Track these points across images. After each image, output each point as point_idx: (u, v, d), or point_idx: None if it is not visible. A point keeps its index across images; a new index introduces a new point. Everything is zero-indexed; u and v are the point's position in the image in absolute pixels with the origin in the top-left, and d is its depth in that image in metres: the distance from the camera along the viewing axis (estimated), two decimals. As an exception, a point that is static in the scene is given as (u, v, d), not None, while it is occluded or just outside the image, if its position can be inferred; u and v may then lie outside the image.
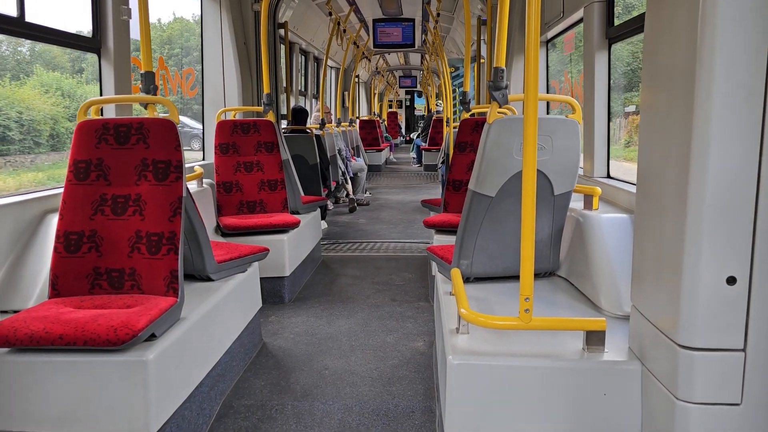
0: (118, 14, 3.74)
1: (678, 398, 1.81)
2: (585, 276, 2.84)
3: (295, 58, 10.18)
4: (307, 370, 3.47)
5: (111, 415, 2.30)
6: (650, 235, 2.01)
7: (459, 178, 4.93)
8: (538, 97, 2.10)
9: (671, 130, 1.84)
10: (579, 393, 2.10)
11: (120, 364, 2.29)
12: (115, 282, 2.73)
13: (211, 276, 3.26)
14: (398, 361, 3.57)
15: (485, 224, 2.85)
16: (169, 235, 2.71)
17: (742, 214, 1.70)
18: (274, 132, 5.29)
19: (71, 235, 2.73)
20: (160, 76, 5.72)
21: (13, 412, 2.31)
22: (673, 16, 1.83)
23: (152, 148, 2.81)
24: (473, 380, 2.13)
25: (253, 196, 5.19)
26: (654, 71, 1.98)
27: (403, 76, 24.90)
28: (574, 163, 2.88)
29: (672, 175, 1.83)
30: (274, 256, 4.62)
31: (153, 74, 3.17)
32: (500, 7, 2.60)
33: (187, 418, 2.67)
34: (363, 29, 11.93)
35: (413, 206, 9.68)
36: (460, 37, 11.33)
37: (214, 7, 5.66)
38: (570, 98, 3.06)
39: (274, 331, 4.11)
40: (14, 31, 3.17)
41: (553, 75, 5.81)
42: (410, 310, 4.52)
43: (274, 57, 6.17)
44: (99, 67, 3.76)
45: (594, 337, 2.18)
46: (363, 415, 2.95)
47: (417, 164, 16.74)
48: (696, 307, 1.75)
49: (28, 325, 2.29)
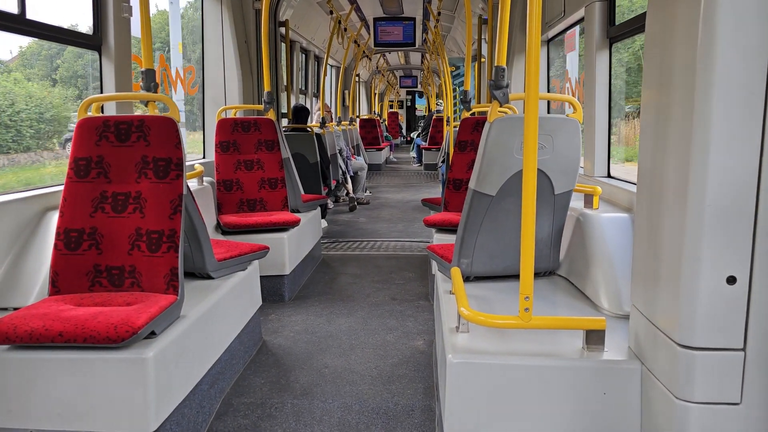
0: (119, 11, 3.74)
1: (677, 398, 1.82)
2: (585, 275, 2.84)
3: (296, 57, 10.18)
4: (307, 368, 3.47)
5: (111, 413, 2.30)
6: (650, 234, 2.01)
7: (459, 177, 4.93)
8: (539, 96, 2.10)
9: (672, 130, 1.84)
10: (578, 392, 2.10)
11: (120, 361, 2.29)
12: (115, 279, 2.73)
13: (211, 274, 3.26)
14: (398, 360, 3.57)
15: (485, 223, 2.86)
16: (169, 233, 2.71)
17: (743, 214, 1.70)
18: (274, 130, 5.29)
19: (71, 232, 2.73)
20: (161, 73, 5.73)
21: (12, 409, 2.31)
22: (674, 17, 1.83)
23: (153, 146, 2.81)
24: (473, 379, 2.13)
25: (254, 194, 5.19)
26: (655, 71, 1.98)
27: (403, 76, 24.89)
28: (574, 162, 2.88)
29: (672, 175, 1.83)
30: (274, 254, 4.62)
31: (153, 72, 3.17)
32: (501, 6, 2.60)
33: (187, 416, 2.67)
34: (364, 28, 11.93)
35: (413, 205, 9.68)
36: (461, 36, 11.33)
37: (215, 6, 5.66)
38: (570, 97, 3.06)
39: (274, 330, 4.11)
40: (15, 28, 3.17)
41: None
42: (410, 308, 4.53)
43: (274, 55, 6.17)
44: (99, 65, 3.76)
45: (594, 336, 2.18)
46: (363, 414, 2.95)
47: (417, 163, 16.75)
48: (696, 306, 1.75)
49: (28, 322, 2.29)
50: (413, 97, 30.47)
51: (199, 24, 5.87)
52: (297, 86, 10.34)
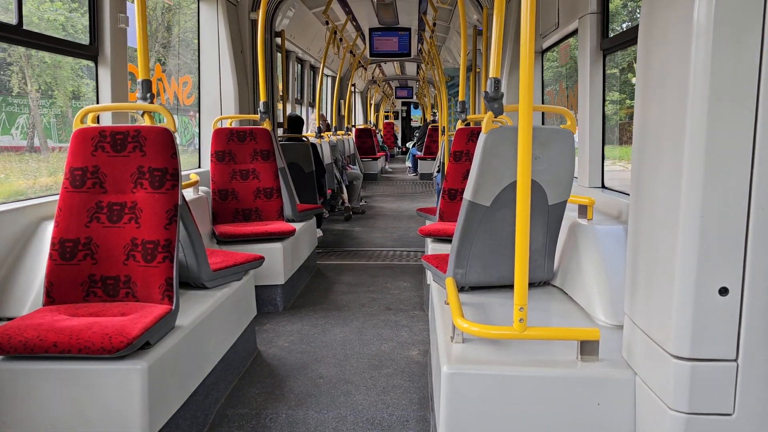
0: (115, 22, 3.75)
1: (671, 408, 1.82)
2: (579, 285, 2.85)
3: (292, 67, 10.21)
4: (302, 378, 3.47)
5: (105, 423, 2.29)
6: (644, 245, 2.02)
7: (454, 187, 4.94)
8: (533, 108, 2.12)
9: (664, 141, 1.86)
10: (572, 402, 2.11)
11: (114, 372, 2.28)
12: (110, 289, 2.73)
13: (206, 284, 3.26)
14: (393, 370, 3.57)
15: (480, 233, 2.87)
16: (164, 243, 2.71)
17: (735, 226, 1.72)
18: (270, 140, 5.31)
19: (66, 242, 2.73)
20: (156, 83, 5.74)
21: (6, 420, 2.30)
22: (667, 30, 1.85)
23: (148, 156, 2.82)
24: (467, 389, 2.13)
25: (249, 204, 5.19)
26: (647, 82, 2.00)
27: (399, 87, 24.97)
28: (568, 173, 2.90)
29: (665, 186, 1.85)
30: (270, 264, 4.62)
31: (150, 82, 3.18)
32: (495, 17, 2.62)
33: (181, 427, 2.66)
34: (359, 38, 11.98)
35: (409, 214, 9.69)
36: (456, 47, 11.39)
37: (212, 15, 5.68)
38: (564, 109, 3.08)
39: (269, 340, 4.10)
40: (12, 39, 3.18)
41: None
42: (405, 318, 4.53)
43: (270, 65, 6.19)
44: (96, 75, 3.77)
45: (588, 346, 2.19)
46: (357, 424, 2.94)
47: (413, 173, 16.78)
48: (688, 317, 1.77)
49: (22, 332, 2.28)
50: (408, 108, 30.57)
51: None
52: (293, 96, 10.36)
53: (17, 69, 4.18)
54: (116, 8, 3.74)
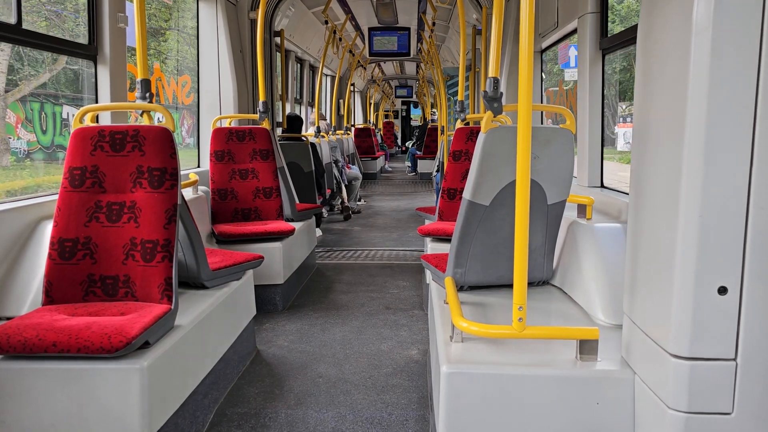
0: (114, 22, 3.75)
1: (670, 407, 1.82)
2: (578, 285, 2.85)
3: (291, 66, 10.20)
4: (301, 378, 3.47)
5: (104, 423, 2.29)
6: (643, 244, 2.02)
7: (453, 187, 4.94)
8: (532, 107, 2.12)
9: (664, 141, 1.86)
10: (572, 402, 2.11)
11: (113, 371, 2.28)
12: (109, 289, 2.73)
13: (206, 283, 3.26)
14: (392, 370, 3.57)
15: (479, 233, 2.87)
16: (164, 243, 2.71)
17: (734, 225, 1.72)
18: (269, 139, 5.31)
19: (65, 242, 2.73)
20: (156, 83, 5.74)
21: (5, 420, 2.30)
22: (665, 29, 1.85)
23: (147, 156, 2.82)
24: (467, 389, 2.13)
25: (248, 203, 5.19)
26: (646, 83, 2.00)
27: (399, 86, 24.97)
28: (567, 172, 2.90)
29: (664, 186, 1.85)
30: (269, 263, 4.62)
31: (149, 81, 3.17)
32: (494, 16, 2.61)
33: (181, 426, 2.66)
34: (359, 38, 11.97)
35: (408, 214, 9.70)
36: (456, 46, 11.39)
37: (211, 15, 5.68)
38: (563, 108, 3.08)
39: (268, 339, 4.10)
40: (11, 38, 3.18)
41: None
42: (404, 318, 4.53)
43: (270, 65, 6.19)
44: (95, 74, 3.77)
45: (587, 346, 2.19)
46: (357, 424, 2.95)
47: (412, 172, 16.79)
48: (687, 316, 1.77)
49: (21, 332, 2.28)
50: (408, 107, 30.56)
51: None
52: (292, 95, 10.36)
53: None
54: (115, 8, 3.74)
